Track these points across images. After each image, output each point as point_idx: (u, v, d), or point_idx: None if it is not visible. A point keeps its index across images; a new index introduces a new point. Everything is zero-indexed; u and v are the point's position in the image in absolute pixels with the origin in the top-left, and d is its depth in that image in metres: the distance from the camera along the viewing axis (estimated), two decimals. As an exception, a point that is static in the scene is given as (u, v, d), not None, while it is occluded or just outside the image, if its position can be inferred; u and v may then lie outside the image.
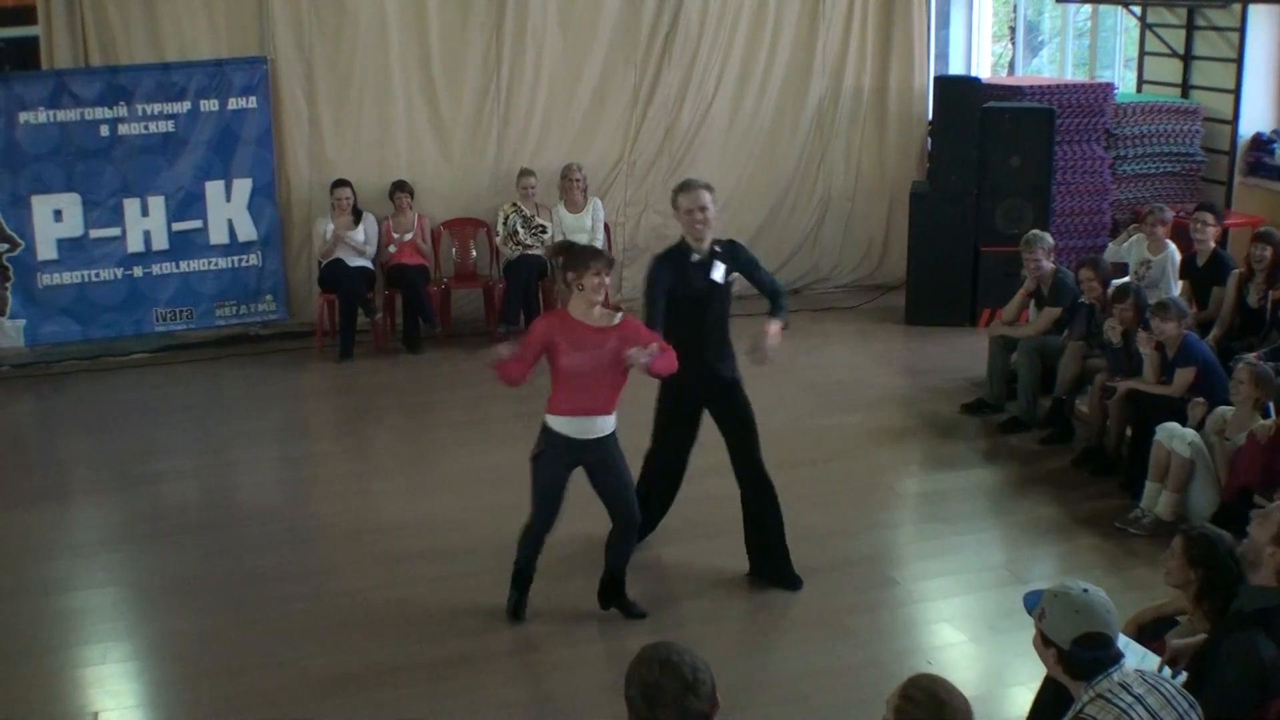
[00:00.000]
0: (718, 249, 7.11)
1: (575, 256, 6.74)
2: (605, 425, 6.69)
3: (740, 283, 7.31)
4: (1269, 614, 4.62)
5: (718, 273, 7.08)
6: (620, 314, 6.73)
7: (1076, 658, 4.10)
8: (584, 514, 7.11)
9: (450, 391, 10.93)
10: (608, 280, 6.68)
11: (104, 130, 11.47)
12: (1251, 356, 8.47)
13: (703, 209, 6.98)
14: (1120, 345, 8.98)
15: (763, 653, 6.54)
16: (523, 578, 6.96)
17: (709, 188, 7.09)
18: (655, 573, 7.26)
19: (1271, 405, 7.96)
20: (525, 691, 6.46)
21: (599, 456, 6.71)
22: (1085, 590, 4.19)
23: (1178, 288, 10.20)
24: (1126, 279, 9.98)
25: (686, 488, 7.59)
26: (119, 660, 6.79)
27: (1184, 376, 8.41)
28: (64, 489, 9.25)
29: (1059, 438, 9.53)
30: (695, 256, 7.04)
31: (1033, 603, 4.33)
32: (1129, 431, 8.69)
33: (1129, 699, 4.01)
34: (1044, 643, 4.19)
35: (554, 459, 6.69)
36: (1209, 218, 10.12)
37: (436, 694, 6.34)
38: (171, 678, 6.59)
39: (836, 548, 7.83)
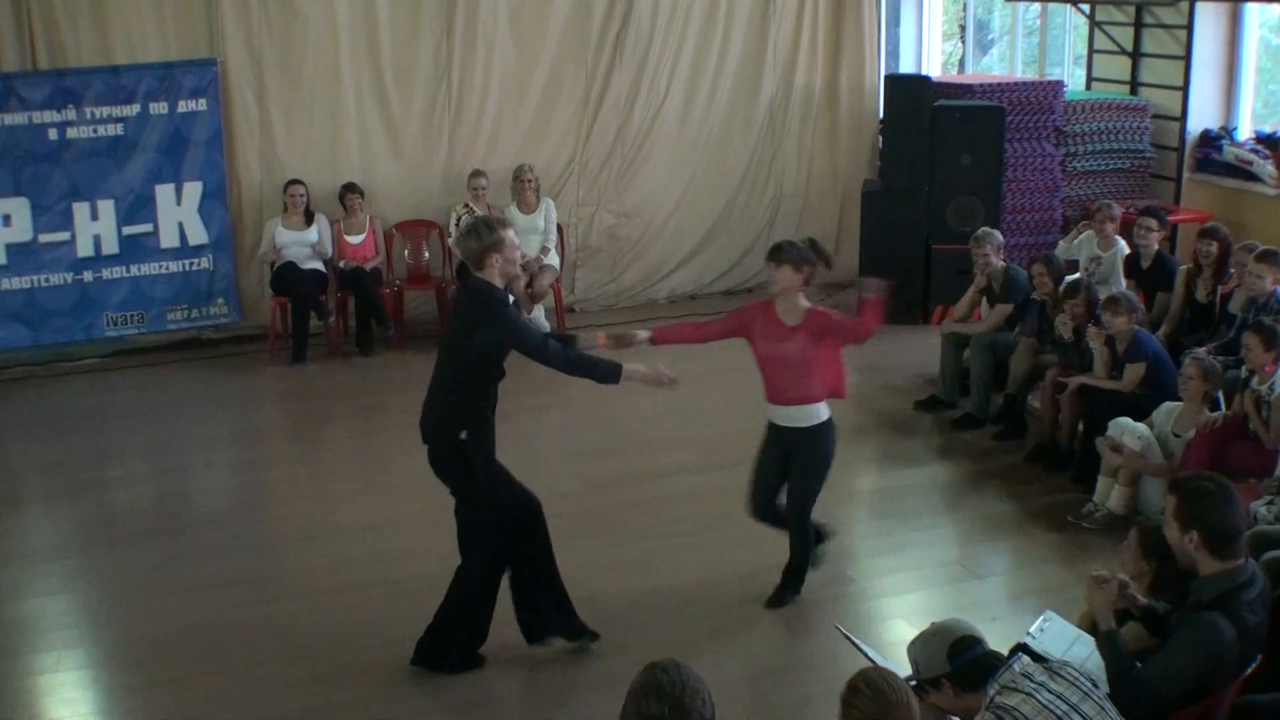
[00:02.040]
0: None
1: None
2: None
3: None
4: (1226, 598, 4.66)
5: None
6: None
7: (962, 668, 4.23)
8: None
9: (404, 393, 10.81)
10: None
11: (52, 134, 11.37)
12: (1202, 351, 8.56)
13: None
14: (1072, 341, 9.05)
15: (719, 650, 6.54)
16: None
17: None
18: (612, 575, 7.25)
19: (1221, 397, 8.04)
20: (484, 691, 6.44)
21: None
22: (931, 623, 4.43)
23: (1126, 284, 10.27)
24: (1077, 275, 10.04)
25: (642, 489, 7.59)
26: (72, 669, 6.74)
27: (1134, 372, 8.48)
28: (15, 496, 9.16)
29: (1012, 433, 9.59)
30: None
31: (909, 678, 4.34)
32: (1081, 426, 8.75)
33: (1033, 685, 4.14)
34: (934, 686, 4.27)
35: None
36: (1152, 223, 10.18)
37: (395, 696, 6.33)
38: (126, 686, 6.55)
39: (792, 545, 7.84)
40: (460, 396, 6.26)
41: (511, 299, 6.62)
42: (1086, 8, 12.98)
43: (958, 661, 4.23)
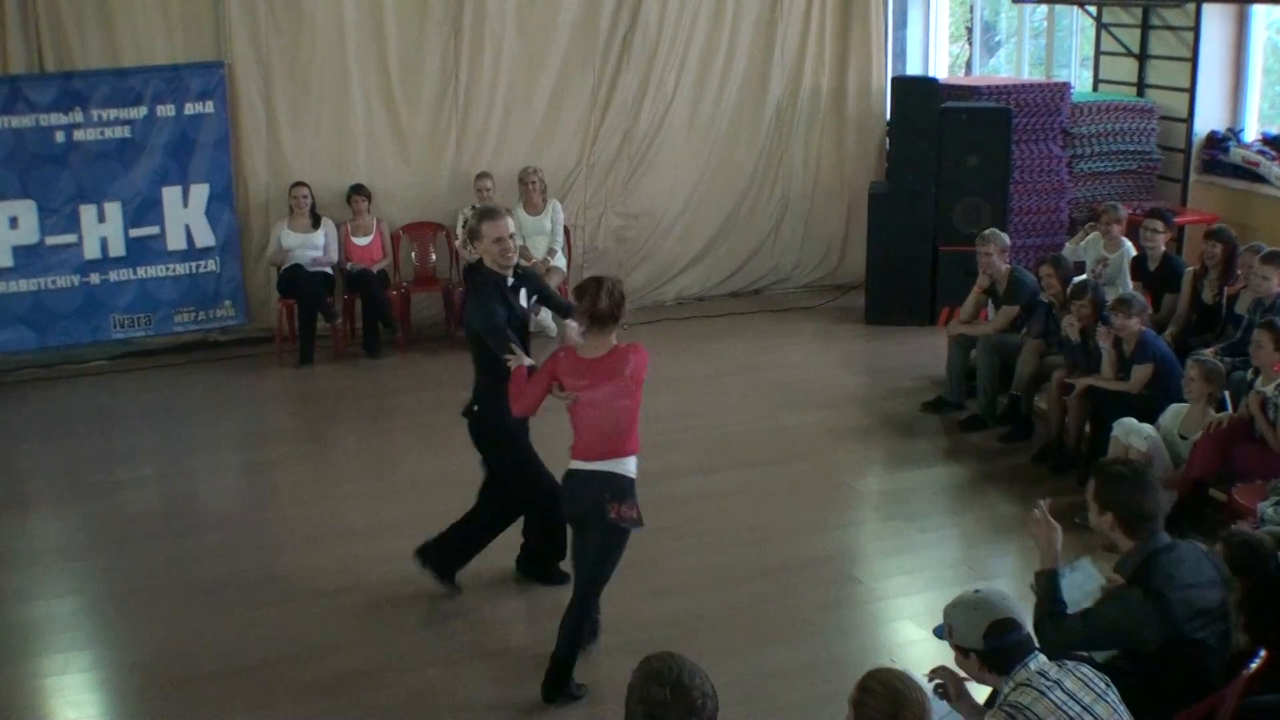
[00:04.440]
0: (519, 272, 6.99)
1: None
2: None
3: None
4: (1144, 570, 4.82)
5: (524, 297, 6.96)
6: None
7: (994, 651, 4.27)
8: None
9: (410, 395, 10.91)
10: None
11: (59, 136, 11.38)
12: (1208, 352, 8.55)
13: (510, 236, 6.81)
14: (1079, 342, 9.03)
15: (727, 651, 6.54)
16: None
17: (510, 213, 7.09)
18: (615, 576, 7.24)
19: (1228, 398, 8.03)
20: (486, 692, 6.44)
21: None
22: (977, 591, 4.44)
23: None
24: (1084, 276, 10.04)
25: (648, 490, 7.56)
26: (80, 670, 6.74)
27: (1141, 373, 8.47)
28: (22, 498, 9.19)
29: (1018, 435, 9.59)
30: (510, 281, 6.89)
31: (940, 632, 4.48)
32: (1088, 427, 8.75)
33: (1047, 683, 4.17)
34: (963, 654, 4.37)
35: None
36: (1159, 225, 10.18)
37: (404, 699, 6.34)
38: (133, 687, 6.56)
39: (799, 546, 7.86)
40: (478, 373, 6.94)
41: (511, 282, 6.87)
42: (1093, 10, 12.97)
43: (991, 643, 4.26)
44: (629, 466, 6.18)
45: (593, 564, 6.22)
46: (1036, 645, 4.34)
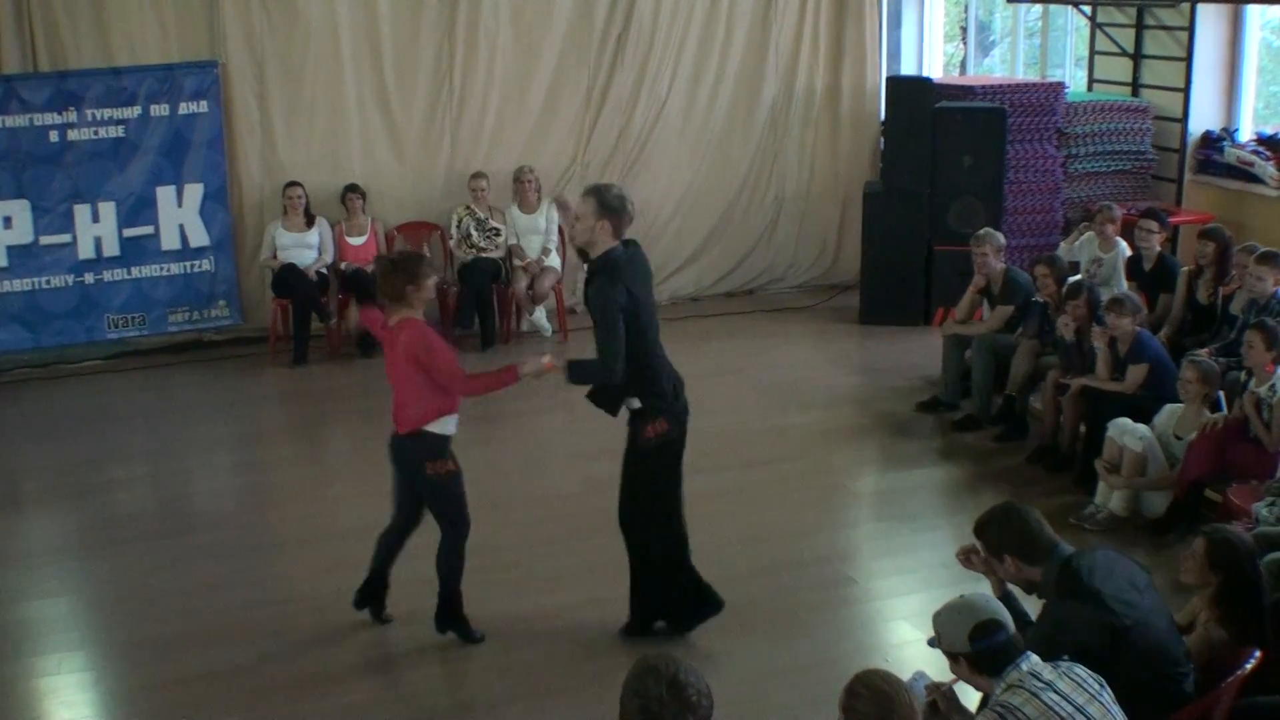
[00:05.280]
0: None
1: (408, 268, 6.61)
2: None
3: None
4: (1062, 583, 4.86)
5: None
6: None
7: (980, 653, 4.28)
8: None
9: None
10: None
11: (53, 136, 11.36)
12: (1203, 353, 8.56)
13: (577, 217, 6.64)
14: (1073, 342, 9.04)
15: (722, 652, 6.54)
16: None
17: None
18: (614, 576, 7.23)
19: (1223, 399, 8.04)
20: (483, 691, 6.43)
21: None
22: (961, 596, 4.45)
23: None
24: (1079, 276, 10.04)
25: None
26: (74, 671, 6.74)
27: (1136, 373, 8.47)
28: (16, 498, 9.18)
29: (1013, 435, 9.59)
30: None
31: (933, 642, 4.50)
32: (1083, 428, 8.75)
33: (1039, 684, 4.18)
34: (953, 659, 4.38)
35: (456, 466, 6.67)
36: (1153, 225, 10.19)
37: (398, 698, 6.33)
38: (127, 688, 6.55)
39: (794, 547, 7.85)
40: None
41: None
42: (1088, 9, 12.97)
43: (977, 645, 4.26)
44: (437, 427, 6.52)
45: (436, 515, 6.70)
46: (1026, 650, 4.33)
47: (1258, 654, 4.87)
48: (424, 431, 6.51)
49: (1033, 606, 5.13)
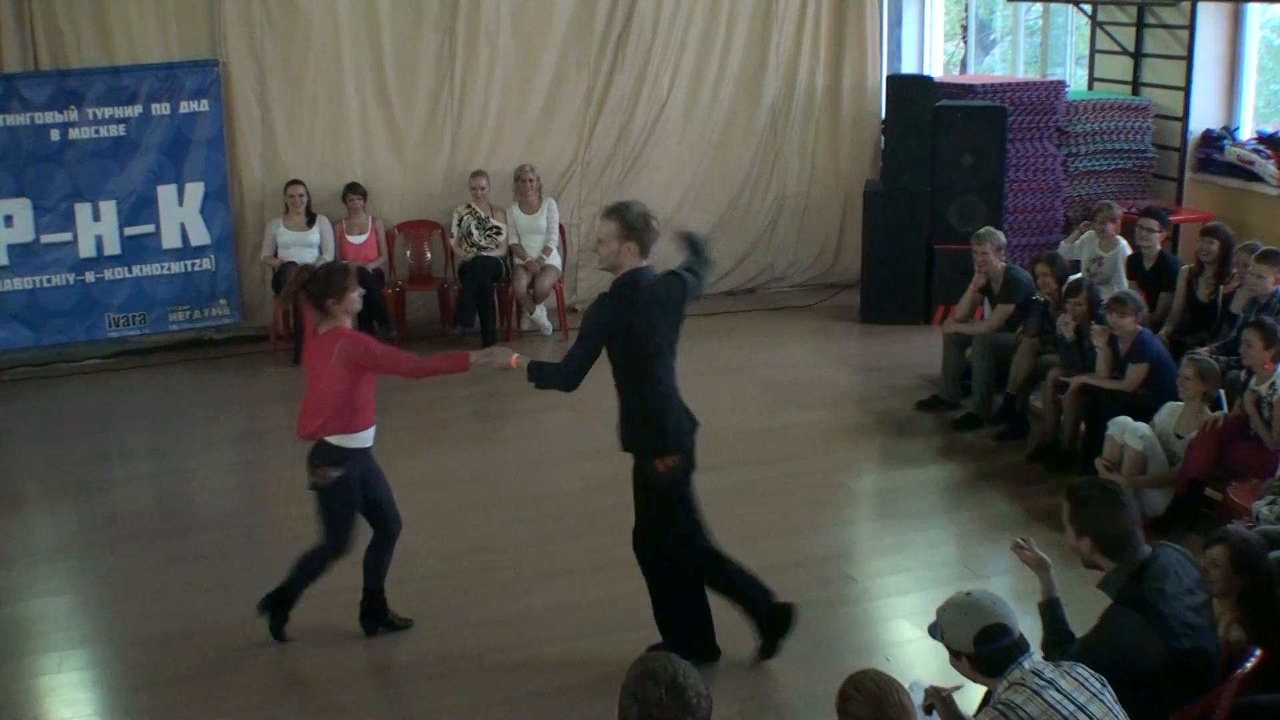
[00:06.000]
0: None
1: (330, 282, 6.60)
2: None
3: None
4: (1130, 589, 4.77)
5: None
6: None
7: (984, 656, 4.26)
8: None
9: (405, 394, 10.83)
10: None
11: (54, 134, 11.37)
12: (1203, 351, 8.56)
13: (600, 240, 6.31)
14: (1073, 341, 9.04)
15: (722, 652, 6.53)
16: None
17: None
18: (614, 576, 7.24)
19: (1223, 397, 8.04)
20: (483, 693, 6.44)
21: (373, 463, 6.83)
22: (968, 594, 4.39)
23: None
24: (1079, 275, 10.04)
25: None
26: (75, 669, 6.74)
27: (1136, 372, 8.47)
28: (17, 497, 9.18)
29: (1013, 433, 9.59)
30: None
31: (934, 632, 4.47)
32: (1083, 427, 8.75)
33: (1041, 682, 4.16)
34: (955, 656, 4.37)
35: (353, 478, 6.66)
36: (1154, 224, 10.19)
37: (398, 697, 6.34)
38: (128, 686, 6.55)
39: (794, 545, 7.85)
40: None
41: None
42: (1088, 8, 12.97)
43: (981, 649, 4.25)
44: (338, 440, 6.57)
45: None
46: (1029, 646, 4.32)
47: (1257, 653, 4.87)
48: (324, 442, 6.55)
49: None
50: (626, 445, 6.34)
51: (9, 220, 11.38)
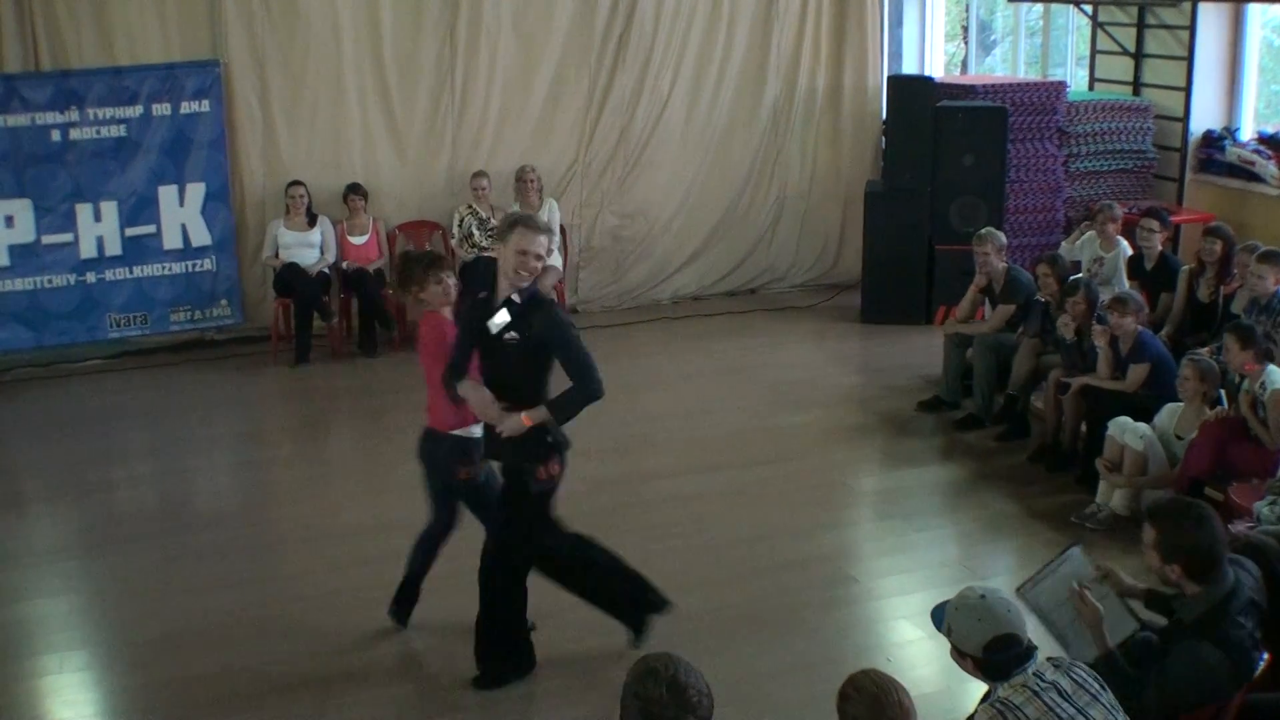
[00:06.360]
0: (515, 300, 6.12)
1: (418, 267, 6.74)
2: None
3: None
4: (1210, 616, 4.70)
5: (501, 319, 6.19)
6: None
7: (991, 663, 4.20)
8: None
9: (407, 395, 10.84)
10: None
11: (55, 135, 11.38)
12: (1204, 352, 8.55)
13: (538, 256, 6.01)
14: (1074, 341, 9.04)
15: (723, 651, 6.54)
16: None
17: (549, 232, 6.23)
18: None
19: (1224, 397, 8.04)
20: (482, 694, 6.43)
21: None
22: (983, 596, 4.28)
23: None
24: (1079, 275, 10.04)
25: (644, 489, 7.59)
26: (75, 670, 6.73)
27: (1137, 373, 8.47)
28: (18, 497, 9.18)
29: (1014, 434, 9.59)
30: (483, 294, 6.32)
31: (939, 616, 4.40)
32: (1084, 427, 8.75)
33: (1042, 684, 4.13)
34: (959, 655, 4.30)
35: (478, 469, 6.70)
36: (1155, 224, 10.19)
37: (399, 698, 6.33)
38: (129, 687, 6.55)
39: (795, 546, 7.85)
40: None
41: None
42: (1089, 8, 12.97)
43: (991, 657, 4.18)
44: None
45: None
46: (1035, 652, 4.28)
47: (1265, 656, 4.86)
48: (450, 434, 6.57)
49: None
50: (508, 455, 6.19)
51: (10, 221, 11.38)
